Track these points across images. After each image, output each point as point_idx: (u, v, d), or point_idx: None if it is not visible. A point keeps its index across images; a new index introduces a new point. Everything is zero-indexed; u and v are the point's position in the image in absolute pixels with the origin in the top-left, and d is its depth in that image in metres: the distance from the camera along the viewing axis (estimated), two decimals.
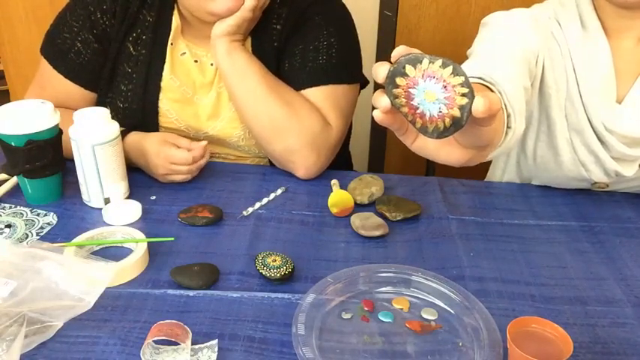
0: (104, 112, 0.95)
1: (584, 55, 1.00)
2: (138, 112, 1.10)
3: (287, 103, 1.05)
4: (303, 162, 1.07)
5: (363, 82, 1.20)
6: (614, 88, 0.99)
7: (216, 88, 1.12)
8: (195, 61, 1.12)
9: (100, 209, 0.95)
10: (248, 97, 1.05)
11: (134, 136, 1.05)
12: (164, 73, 1.10)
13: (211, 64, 1.12)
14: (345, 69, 1.11)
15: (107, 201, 0.98)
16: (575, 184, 1.08)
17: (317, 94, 1.08)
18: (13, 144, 0.92)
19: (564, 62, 1.01)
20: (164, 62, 1.10)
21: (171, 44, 1.11)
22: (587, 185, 1.08)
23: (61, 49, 1.10)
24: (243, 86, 1.05)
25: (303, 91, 1.08)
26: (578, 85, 1.00)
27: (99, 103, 1.13)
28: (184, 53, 1.12)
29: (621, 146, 0.99)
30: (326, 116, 1.07)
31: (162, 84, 1.10)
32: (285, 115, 1.04)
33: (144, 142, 1.04)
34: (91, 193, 0.97)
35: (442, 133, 0.50)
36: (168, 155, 1.02)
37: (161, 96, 1.10)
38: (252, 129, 1.08)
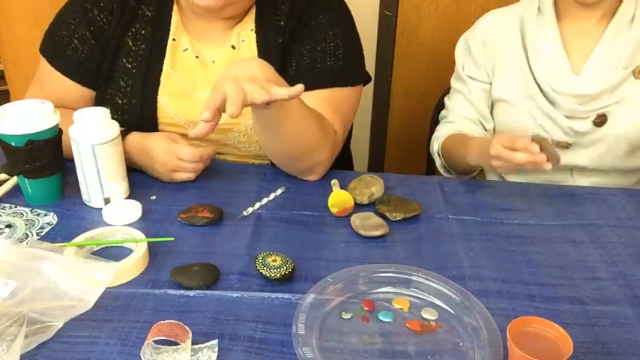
0: (104, 112, 0.95)
1: (535, 36, 1.20)
2: (137, 108, 1.10)
3: (320, 125, 1.03)
4: (322, 171, 1.09)
5: (366, 80, 1.20)
6: (567, 62, 1.18)
7: None
8: (197, 57, 1.12)
9: (100, 209, 0.95)
10: (290, 131, 0.99)
11: (136, 136, 1.05)
12: (164, 68, 1.10)
13: (213, 61, 1.12)
14: (351, 71, 1.12)
15: (107, 201, 0.98)
16: None
17: (322, 95, 1.08)
18: (13, 144, 0.92)
19: (518, 46, 1.22)
20: (164, 57, 1.10)
21: (174, 40, 1.11)
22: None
23: (58, 46, 1.10)
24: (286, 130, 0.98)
25: (310, 92, 1.08)
26: (528, 60, 1.20)
27: (98, 100, 1.13)
28: (187, 49, 1.12)
29: (571, 104, 1.16)
30: (329, 118, 1.07)
31: (162, 79, 1.10)
32: (314, 136, 1.02)
33: (147, 140, 1.04)
34: (91, 193, 0.97)
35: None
36: (177, 151, 1.02)
37: (160, 91, 1.10)
38: (284, 155, 1.06)
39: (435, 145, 1.29)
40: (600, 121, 1.16)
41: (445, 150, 1.26)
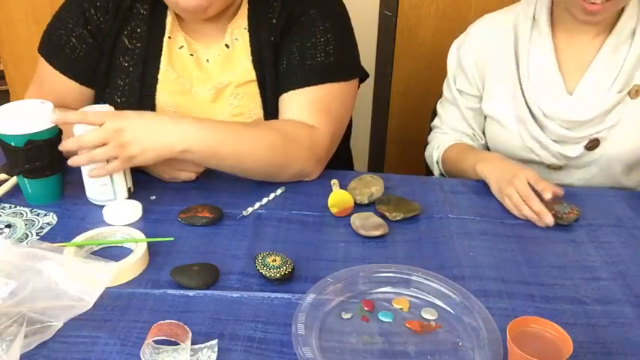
0: (110, 109, 0.96)
1: (528, 49, 1.14)
2: (135, 106, 1.10)
3: (282, 142, 1.02)
4: (312, 173, 1.08)
5: (363, 76, 1.20)
6: (560, 80, 1.12)
7: (214, 84, 1.12)
8: (191, 55, 1.12)
9: (100, 208, 0.95)
10: (234, 167, 1.02)
11: None
12: (161, 66, 1.11)
13: (207, 60, 1.12)
14: (344, 66, 1.11)
15: (130, 191, 0.99)
16: (535, 167, 1.17)
17: (311, 94, 1.07)
18: (12, 144, 0.92)
19: (510, 60, 1.16)
20: (160, 55, 1.10)
21: (169, 37, 1.11)
22: (544, 168, 1.19)
23: (56, 45, 1.11)
24: (224, 162, 1.01)
25: (299, 90, 1.07)
26: (519, 78, 1.15)
27: (97, 99, 1.13)
28: (182, 47, 1.12)
29: (561, 130, 1.13)
30: (318, 115, 1.06)
31: (159, 76, 1.11)
32: (278, 157, 1.02)
33: None
34: (116, 186, 0.97)
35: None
36: None
37: (158, 88, 1.11)
38: (254, 178, 1.07)
39: (435, 155, 1.27)
40: (592, 145, 1.13)
41: (447, 159, 1.24)
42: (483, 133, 1.28)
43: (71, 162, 0.93)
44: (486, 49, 1.20)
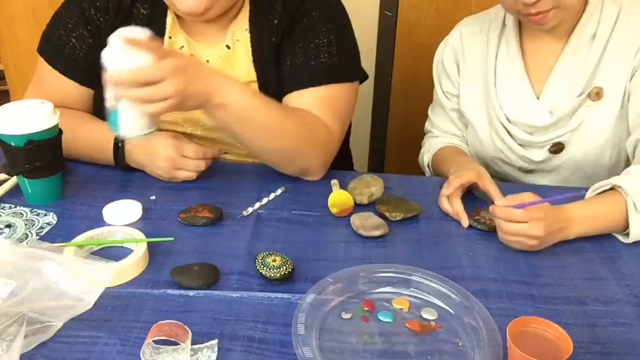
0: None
1: (497, 56, 1.16)
2: None
3: (303, 131, 1.03)
4: (317, 173, 1.09)
5: (362, 77, 1.20)
6: (528, 84, 1.13)
7: None
8: (191, 55, 1.12)
9: (100, 209, 0.95)
10: (257, 139, 1.01)
11: None
12: None
13: (207, 61, 1.12)
14: (347, 67, 1.11)
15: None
16: (508, 169, 1.21)
17: (318, 94, 1.08)
18: (13, 144, 0.92)
19: (483, 62, 1.18)
20: None
21: (170, 38, 1.11)
22: (516, 170, 1.20)
23: (56, 45, 1.11)
24: (249, 132, 0.99)
25: (304, 90, 1.08)
26: (488, 84, 1.16)
27: (96, 98, 1.13)
28: (182, 47, 1.12)
29: (523, 134, 1.13)
30: (326, 115, 1.07)
31: None
32: (301, 141, 1.03)
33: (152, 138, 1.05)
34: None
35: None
36: (181, 148, 1.03)
37: None
38: (266, 161, 1.08)
39: (425, 158, 1.28)
40: (557, 149, 1.12)
41: (435, 162, 1.25)
42: None
43: (127, 95, 0.86)
44: (462, 52, 1.23)
